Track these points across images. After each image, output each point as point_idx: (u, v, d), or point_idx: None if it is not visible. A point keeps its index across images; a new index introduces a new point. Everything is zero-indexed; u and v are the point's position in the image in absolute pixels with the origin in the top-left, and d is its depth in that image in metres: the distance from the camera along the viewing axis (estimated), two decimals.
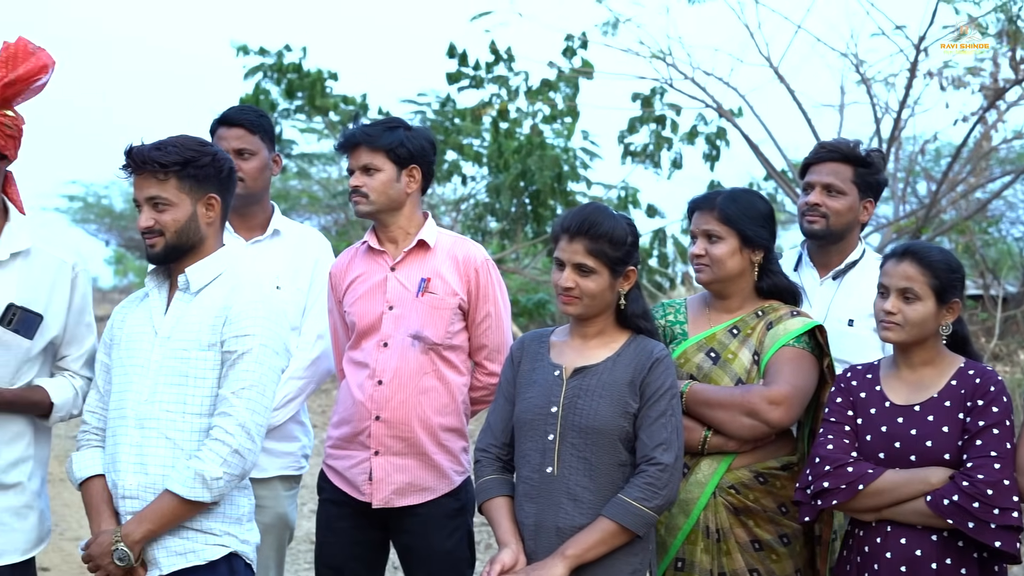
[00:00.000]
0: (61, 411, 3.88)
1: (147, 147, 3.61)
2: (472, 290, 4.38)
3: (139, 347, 3.69)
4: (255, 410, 3.56)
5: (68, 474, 3.77)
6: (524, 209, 13.49)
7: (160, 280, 3.76)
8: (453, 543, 4.34)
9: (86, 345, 3.98)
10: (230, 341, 3.57)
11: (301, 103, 13.54)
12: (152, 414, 3.60)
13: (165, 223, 3.62)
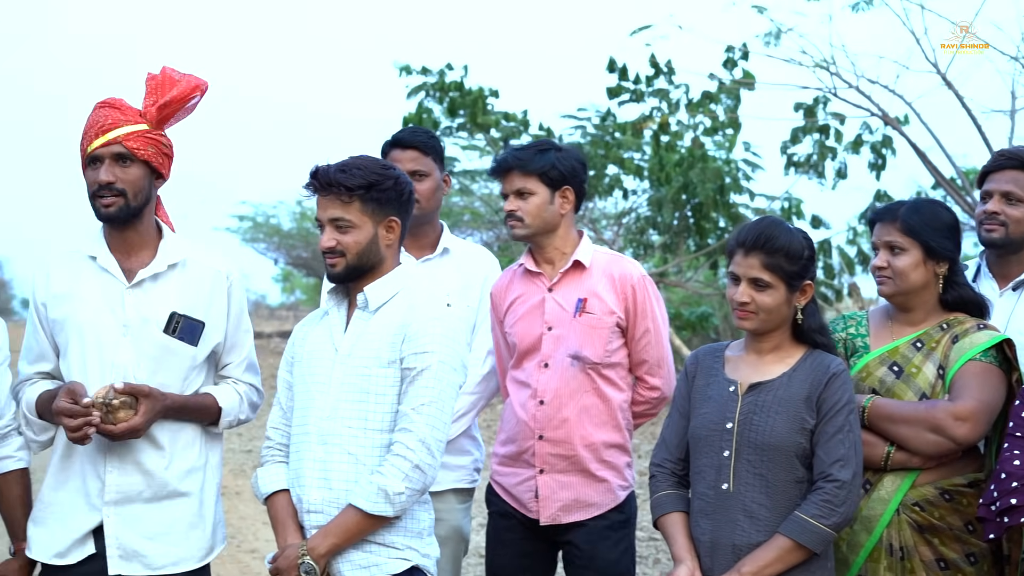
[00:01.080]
0: (229, 416, 3.99)
1: (333, 169, 3.67)
2: (629, 307, 4.41)
3: (320, 365, 3.77)
4: (435, 426, 3.61)
5: (253, 489, 3.86)
6: (686, 222, 13.42)
7: (339, 299, 3.84)
8: (617, 554, 4.38)
9: (245, 351, 4.10)
10: (409, 358, 3.62)
11: (463, 121, 13.68)
12: (334, 430, 3.66)
13: (347, 244, 3.69)
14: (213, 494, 4.01)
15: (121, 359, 3.82)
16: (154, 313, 3.86)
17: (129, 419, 3.71)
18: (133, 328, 3.85)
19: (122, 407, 3.69)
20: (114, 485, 3.81)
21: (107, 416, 3.69)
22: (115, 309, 3.84)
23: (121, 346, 3.83)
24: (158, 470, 3.84)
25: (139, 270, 3.89)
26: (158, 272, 3.89)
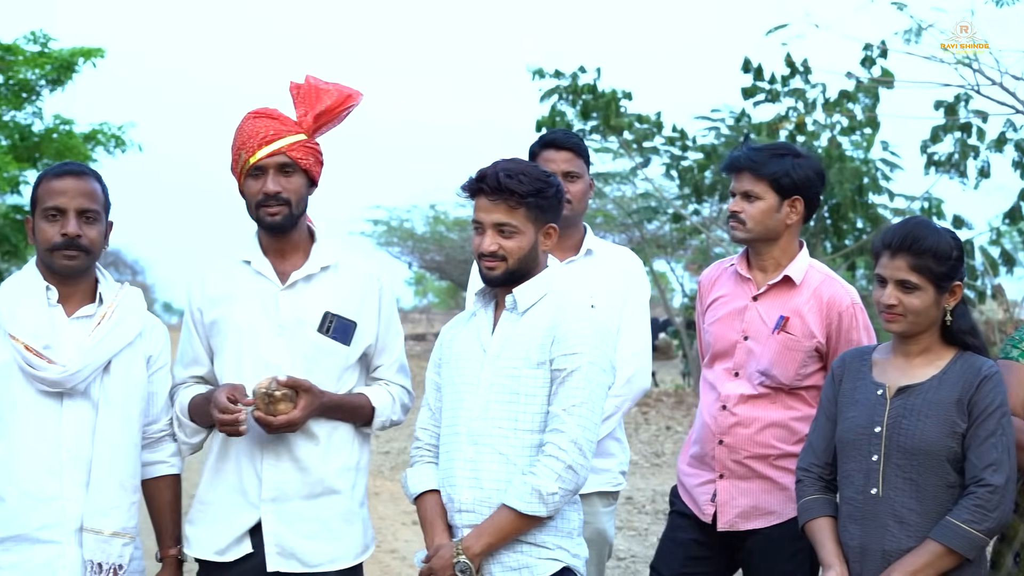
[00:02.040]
0: (382, 416, 4.03)
1: (501, 174, 3.68)
2: (832, 334, 4.27)
3: (468, 366, 3.81)
4: (586, 427, 3.62)
5: (404, 489, 3.92)
6: (823, 223, 13.25)
7: (486, 300, 3.88)
8: (795, 565, 4.26)
9: (396, 353, 4.13)
10: (559, 359, 3.64)
11: (596, 123, 13.70)
12: (485, 430, 3.71)
13: (509, 249, 3.71)
14: (363, 494, 4.07)
15: (275, 359, 3.89)
16: (308, 313, 3.93)
17: (288, 412, 3.79)
18: (287, 328, 3.92)
19: (283, 399, 3.76)
20: (271, 482, 3.88)
21: (268, 407, 3.76)
22: (269, 310, 3.92)
23: (276, 346, 3.91)
24: (314, 465, 3.90)
25: (292, 272, 3.97)
26: (311, 274, 3.96)
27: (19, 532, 3.70)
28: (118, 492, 3.79)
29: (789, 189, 4.29)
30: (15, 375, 3.74)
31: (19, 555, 3.70)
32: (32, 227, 3.87)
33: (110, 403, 3.80)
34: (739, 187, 4.35)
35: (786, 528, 4.24)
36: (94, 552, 3.73)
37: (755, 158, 4.32)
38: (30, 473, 3.71)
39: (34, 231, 3.86)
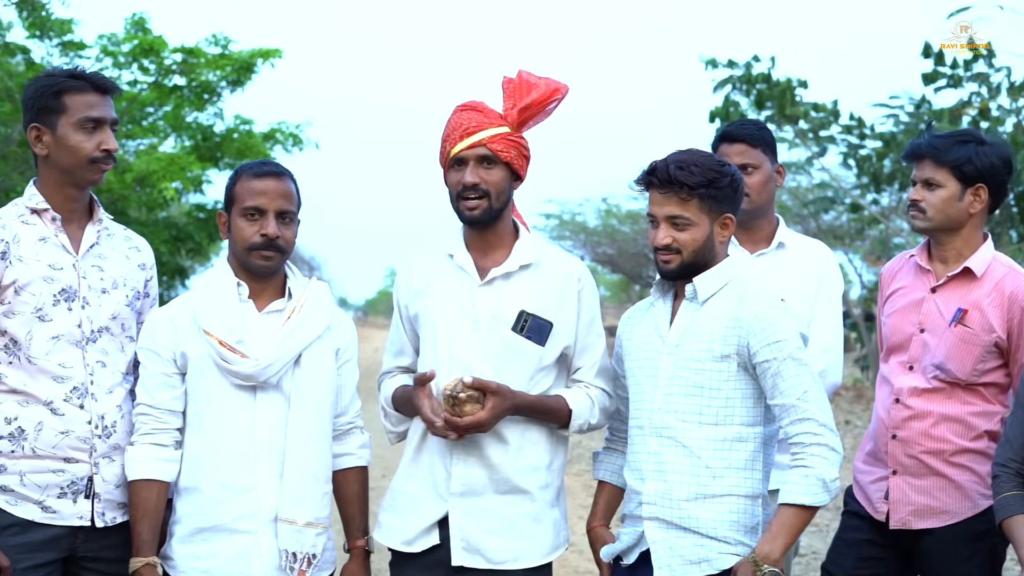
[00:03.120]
0: (579, 419, 3.97)
1: (671, 166, 3.67)
2: (1014, 330, 4.13)
3: (648, 357, 3.80)
4: (824, 408, 3.62)
5: (594, 473, 4.05)
6: (1008, 211, 12.83)
7: (664, 290, 3.86)
8: (971, 567, 4.15)
9: (597, 355, 4.06)
10: (763, 351, 3.61)
11: (771, 113, 13.49)
12: (668, 423, 3.69)
13: (684, 242, 3.70)
14: (555, 494, 4.03)
15: (467, 354, 3.91)
16: (503, 311, 3.93)
17: (475, 413, 3.81)
18: (482, 324, 3.92)
19: (468, 401, 3.78)
20: (459, 477, 3.90)
21: (453, 408, 3.79)
22: (466, 306, 3.93)
23: (469, 341, 3.92)
24: (502, 464, 3.90)
25: (492, 268, 3.98)
26: (510, 271, 3.96)
27: (216, 523, 3.80)
28: (311, 483, 3.86)
29: (972, 177, 4.17)
30: (210, 370, 3.84)
31: (216, 545, 3.80)
32: (226, 222, 3.97)
33: (301, 396, 3.87)
34: (920, 175, 4.24)
35: (962, 528, 4.13)
36: (288, 542, 3.81)
37: (937, 145, 4.21)
38: (226, 465, 3.81)
39: (228, 226, 3.95)
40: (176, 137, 16.16)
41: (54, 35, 14.47)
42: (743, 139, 4.67)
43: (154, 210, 13.57)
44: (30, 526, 3.75)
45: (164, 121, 15.87)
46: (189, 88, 15.75)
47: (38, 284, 3.79)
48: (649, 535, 3.71)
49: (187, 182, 14.35)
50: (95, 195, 4.06)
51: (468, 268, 3.99)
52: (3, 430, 3.75)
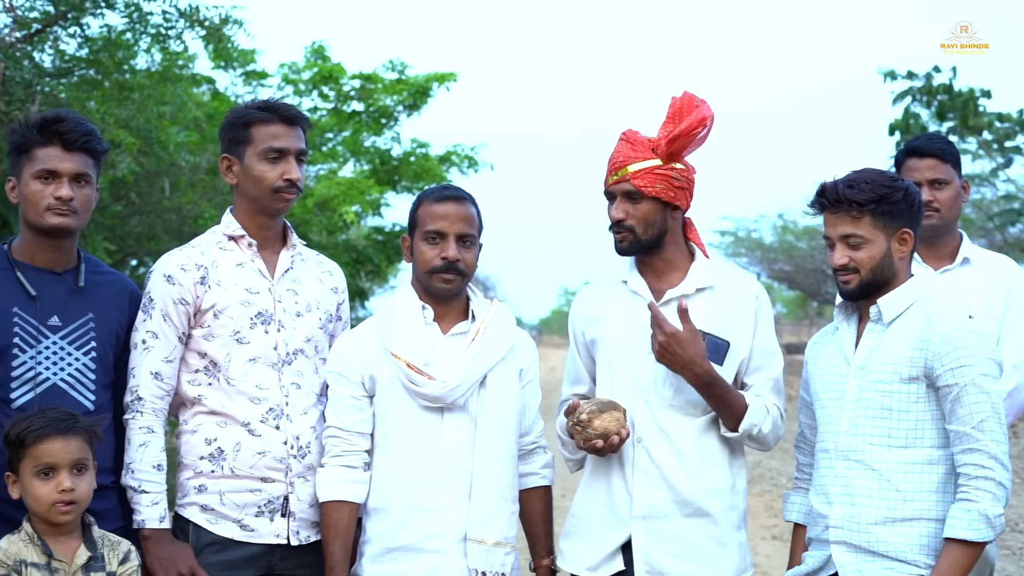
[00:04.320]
0: (752, 417, 3.90)
1: (840, 185, 3.65)
2: None
3: (834, 380, 3.75)
4: (999, 440, 3.52)
5: (785, 515, 3.97)
6: None
7: (848, 312, 3.81)
8: None
9: (772, 373, 4.03)
10: (945, 375, 3.53)
11: (953, 124, 13.19)
12: (855, 446, 3.64)
13: (860, 260, 3.65)
14: (739, 517, 4.00)
15: (646, 377, 3.91)
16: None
17: (607, 423, 3.78)
18: None
19: (593, 416, 3.78)
20: (641, 500, 3.89)
21: (585, 432, 3.79)
22: (643, 328, 3.92)
23: (647, 364, 3.92)
24: (685, 486, 3.87)
25: (668, 291, 3.97)
26: (686, 293, 3.95)
27: (405, 543, 3.85)
28: (498, 502, 3.90)
29: None
30: (398, 392, 3.91)
31: (406, 564, 3.85)
32: (410, 247, 4.04)
33: (487, 416, 3.92)
34: None
35: None
36: (478, 561, 3.85)
37: None
38: (414, 486, 3.87)
39: (411, 251, 4.02)
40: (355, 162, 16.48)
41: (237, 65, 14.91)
42: (933, 154, 4.57)
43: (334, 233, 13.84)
44: (230, 544, 3.87)
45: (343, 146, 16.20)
46: (367, 113, 16.06)
47: (236, 308, 3.92)
48: (837, 559, 3.65)
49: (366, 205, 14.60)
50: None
51: (642, 291, 3.99)
52: (203, 451, 3.89)
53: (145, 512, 3.81)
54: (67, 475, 3.48)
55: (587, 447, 3.82)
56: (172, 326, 3.90)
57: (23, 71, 8.34)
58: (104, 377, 3.86)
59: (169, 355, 3.90)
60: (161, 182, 11.48)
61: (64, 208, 3.77)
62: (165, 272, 3.94)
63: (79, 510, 3.53)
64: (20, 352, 3.73)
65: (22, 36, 8.83)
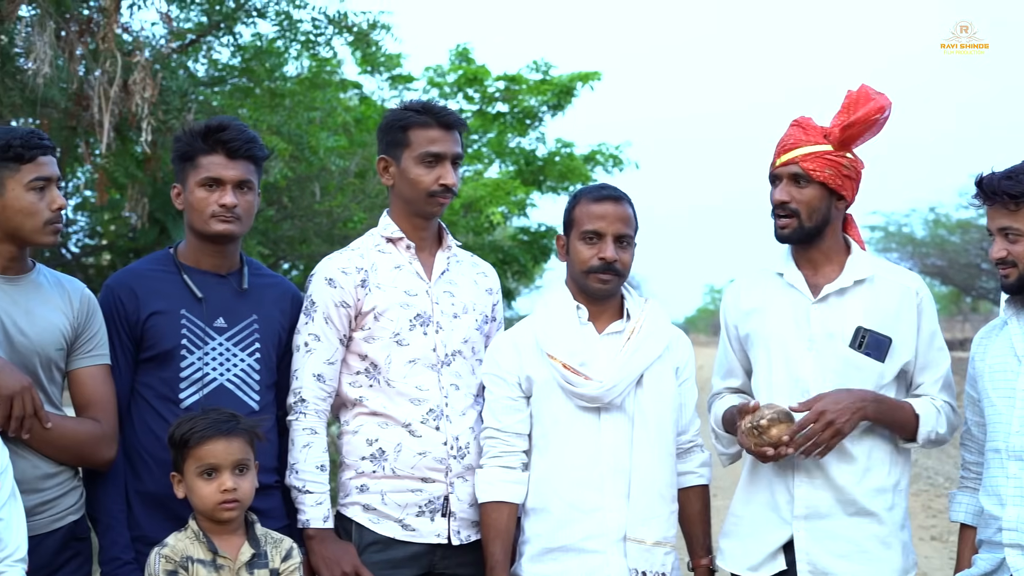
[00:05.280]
0: (927, 425, 3.85)
1: (998, 176, 3.58)
2: None
3: (1003, 378, 3.65)
4: None
5: (951, 515, 3.89)
6: None
7: (1018, 307, 3.71)
8: None
9: (940, 370, 3.95)
10: None
11: None
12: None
13: (1018, 254, 3.58)
14: (902, 515, 3.93)
15: (805, 373, 3.85)
16: (840, 328, 3.85)
17: (782, 435, 3.71)
18: (818, 343, 3.86)
19: (772, 424, 3.72)
20: (803, 499, 3.83)
21: (760, 438, 3.73)
22: (800, 324, 3.87)
23: (805, 361, 3.86)
24: (849, 485, 3.81)
25: (824, 285, 3.91)
26: (844, 287, 3.89)
27: (565, 543, 3.85)
28: (657, 502, 3.88)
29: None
30: (555, 392, 3.90)
31: (566, 564, 3.85)
32: (564, 245, 4.03)
33: (645, 415, 3.90)
34: None
35: None
36: (638, 561, 3.83)
37: None
38: (573, 485, 3.86)
39: (566, 250, 4.01)
40: (500, 163, 16.57)
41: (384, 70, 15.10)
42: None
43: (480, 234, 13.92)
44: (392, 543, 3.91)
45: (488, 147, 16.30)
46: (512, 114, 16.15)
47: (395, 310, 3.96)
48: (1012, 563, 3.55)
49: (512, 206, 14.67)
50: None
51: (799, 286, 3.92)
52: (365, 451, 3.94)
53: (309, 512, 3.88)
54: (229, 475, 3.55)
55: (756, 452, 3.78)
56: (334, 329, 3.96)
57: (178, 81, 8.55)
58: (268, 377, 3.94)
59: (331, 357, 3.96)
60: (312, 186, 11.66)
61: (228, 215, 3.85)
62: (327, 275, 3.99)
63: (242, 508, 3.60)
64: (188, 353, 3.83)
65: (177, 46, 9.06)
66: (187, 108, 8.45)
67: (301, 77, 10.81)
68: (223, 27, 9.28)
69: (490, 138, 16.26)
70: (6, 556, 3.34)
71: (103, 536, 3.74)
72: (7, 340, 3.54)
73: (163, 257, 3.98)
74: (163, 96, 8.14)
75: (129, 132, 8.56)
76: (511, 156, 16.39)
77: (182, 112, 8.37)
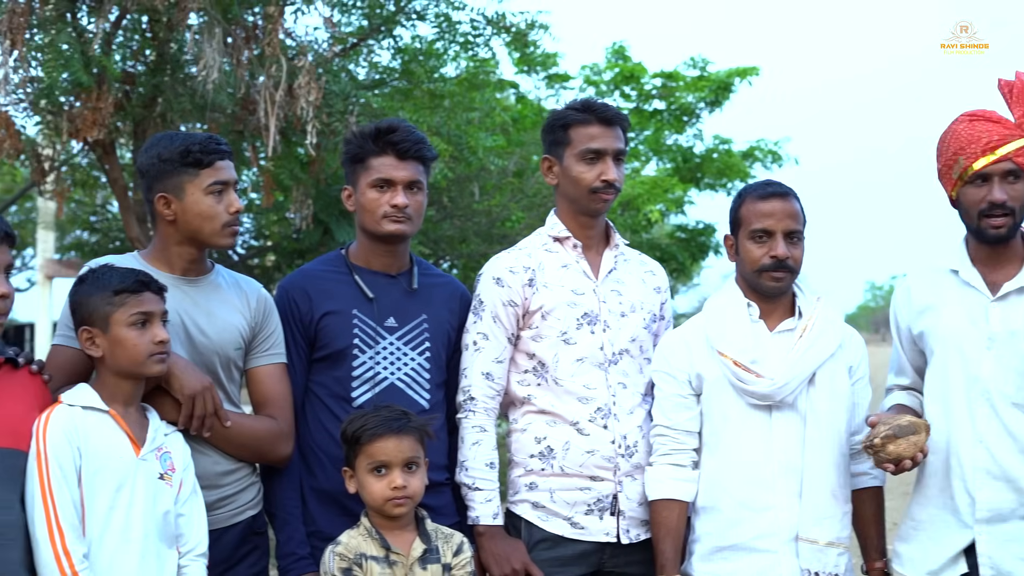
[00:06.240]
0: None
1: None
2: None
3: None
4: None
5: None
6: None
7: None
8: None
9: None
10: None
11: None
12: None
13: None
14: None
15: (984, 373, 3.72)
16: (1021, 326, 3.72)
17: (900, 448, 3.59)
18: (998, 342, 3.73)
19: (887, 441, 3.60)
20: (985, 502, 3.71)
21: (878, 456, 3.63)
22: (978, 322, 3.76)
23: (984, 360, 3.73)
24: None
25: (1004, 283, 3.79)
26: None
27: (735, 542, 3.82)
28: (830, 502, 3.82)
29: None
30: (726, 390, 3.87)
31: (736, 563, 3.81)
32: (732, 244, 3.99)
33: (817, 414, 3.84)
34: None
35: None
36: (810, 561, 3.77)
37: None
38: (744, 484, 3.82)
39: (736, 249, 3.97)
40: (657, 160, 16.52)
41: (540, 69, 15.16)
42: None
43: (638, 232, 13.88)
44: (560, 541, 3.92)
45: (645, 145, 16.27)
46: (668, 111, 16.09)
47: (562, 309, 3.97)
48: None
49: (669, 204, 14.62)
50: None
51: (977, 284, 3.80)
52: (533, 449, 3.95)
53: (479, 509, 3.91)
54: (399, 473, 3.60)
55: (879, 467, 3.69)
56: (502, 327, 3.98)
57: (341, 84, 8.69)
58: (438, 376, 3.98)
59: (499, 356, 3.98)
60: (471, 186, 11.77)
61: (399, 215, 3.90)
62: (494, 275, 4.02)
63: (411, 505, 3.64)
64: (360, 353, 3.89)
65: (339, 50, 9.22)
66: (349, 111, 8.59)
67: (460, 78, 10.92)
68: (383, 30, 9.41)
69: (647, 135, 16.22)
70: (188, 550, 3.46)
71: (280, 531, 3.83)
72: (188, 340, 3.65)
73: (335, 258, 4.06)
74: (326, 99, 8.28)
75: (293, 135, 8.74)
76: (668, 153, 16.33)
77: (344, 115, 8.52)
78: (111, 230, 13.41)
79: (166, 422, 3.53)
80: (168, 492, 3.43)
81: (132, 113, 8.45)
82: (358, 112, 8.72)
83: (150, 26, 8.49)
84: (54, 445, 3.27)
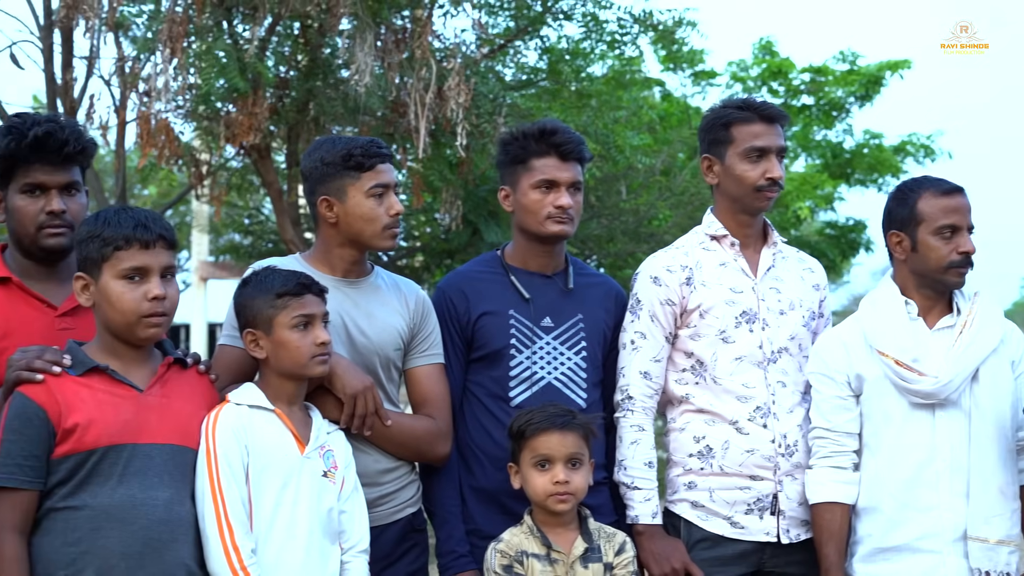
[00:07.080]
0: None
1: None
2: None
3: None
4: None
5: None
6: None
7: None
8: None
9: None
10: None
11: None
12: None
13: None
14: None
15: None
16: None
17: None
18: None
19: None
20: None
21: None
22: None
23: None
24: None
25: None
26: None
27: (898, 542, 3.76)
28: (998, 499, 3.74)
29: None
30: (887, 390, 3.81)
31: (899, 565, 3.76)
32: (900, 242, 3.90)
33: (982, 411, 3.76)
34: None
35: None
36: (981, 561, 3.70)
37: None
38: (906, 484, 3.76)
39: (914, 246, 3.88)
40: (806, 156, 16.28)
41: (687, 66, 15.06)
42: None
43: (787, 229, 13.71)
44: (720, 540, 3.90)
45: (793, 141, 16.05)
46: (817, 106, 15.85)
47: (720, 307, 3.95)
48: None
49: (819, 200, 14.40)
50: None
51: None
52: (692, 448, 3.94)
53: (638, 508, 3.90)
54: (562, 468, 3.61)
55: None
56: (659, 326, 3.97)
57: (489, 85, 8.74)
58: (594, 375, 3.99)
59: (657, 355, 3.97)
60: (618, 185, 11.73)
61: (563, 216, 3.92)
62: (652, 274, 4.02)
63: (575, 501, 3.65)
64: (517, 352, 3.92)
65: (487, 52, 9.28)
66: (498, 112, 8.63)
67: (607, 77, 10.90)
68: (530, 31, 9.45)
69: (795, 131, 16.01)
70: (350, 547, 3.52)
71: (439, 529, 3.87)
72: (349, 341, 3.72)
73: (491, 259, 4.09)
74: (475, 101, 8.34)
75: (443, 137, 8.82)
76: (817, 149, 16.09)
77: (493, 116, 8.56)
78: (264, 232, 13.68)
79: (328, 421, 3.60)
80: (331, 489, 3.50)
81: (286, 118, 8.63)
82: (506, 113, 8.77)
83: (302, 32, 8.66)
84: (223, 443, 3.36)
